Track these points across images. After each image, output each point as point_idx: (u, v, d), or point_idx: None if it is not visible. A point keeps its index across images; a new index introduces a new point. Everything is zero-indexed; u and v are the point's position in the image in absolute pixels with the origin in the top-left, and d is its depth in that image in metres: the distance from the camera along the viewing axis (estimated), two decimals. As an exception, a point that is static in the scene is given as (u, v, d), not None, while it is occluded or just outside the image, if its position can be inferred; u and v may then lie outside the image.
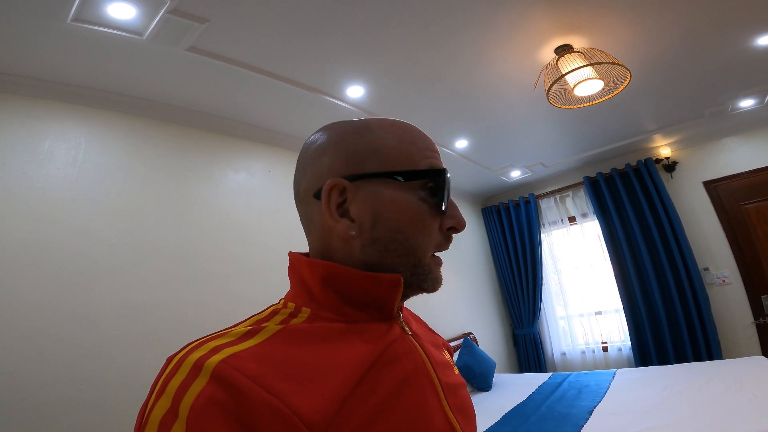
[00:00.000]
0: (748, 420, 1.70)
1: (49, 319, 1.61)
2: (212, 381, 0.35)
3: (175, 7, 1.43)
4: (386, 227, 0.48)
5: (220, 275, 2.19)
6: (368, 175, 0.48)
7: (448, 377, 0.54)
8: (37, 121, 1.76)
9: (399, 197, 0.48)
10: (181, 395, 0.35)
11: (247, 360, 0.38)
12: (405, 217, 0.48)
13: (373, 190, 0.48)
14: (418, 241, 0.49)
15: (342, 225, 0.48)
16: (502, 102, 2.67)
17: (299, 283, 0.51)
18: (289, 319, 0.46)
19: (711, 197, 3.67)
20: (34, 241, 1.65)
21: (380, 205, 0.48)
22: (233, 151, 2.50)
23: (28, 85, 1.71)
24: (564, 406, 2.43)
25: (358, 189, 0.48)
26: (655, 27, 2.05)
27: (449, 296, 3.82)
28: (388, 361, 0.46)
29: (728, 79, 2.72)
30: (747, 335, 3.41)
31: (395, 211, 0.48)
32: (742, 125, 3.50)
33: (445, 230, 0.51)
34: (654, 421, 1.93)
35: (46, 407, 1.51)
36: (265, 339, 0.41)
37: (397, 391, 0.44)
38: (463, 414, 0.52)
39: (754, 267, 3.44)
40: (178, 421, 0.34)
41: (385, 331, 0.49)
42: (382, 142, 0.50)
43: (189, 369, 0.37)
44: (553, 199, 4.41)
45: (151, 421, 0.35)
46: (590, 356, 4.09)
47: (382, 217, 0.48)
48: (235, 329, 0.43)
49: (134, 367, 1.77)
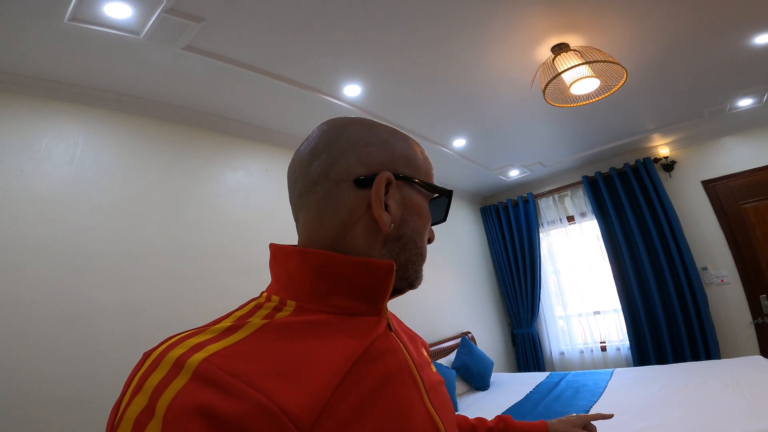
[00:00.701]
0: (745, 420, 1.70)
1: (45, 318, 1.61)
2: (194, 379, 0.34)
3: (171, 6, 1.43)
4: (410, 227, 0.53)
5: (218, 274, 2.19)
6: (406, 177, 0.53)
7: (428, 375, 0.55)
8: (35, 119, 1.77)
9: (422, 205, 0.55)
10: (158, 393, 0.34)
11: (231, 357, 0.37)
12: (421, 222, 0.54)
13: (407, 192, 0.53)
14: (424, 244, 0.56)
15: (386, 216, 0.51)
16: (500, 101, 2.67)
17: (284, 276, 0.50)
18: (273, 313, 0.46)
19: (709, 197, 3.67)
20: (31, 239, 1.66)
21: (409, 206, 0.53)
22: (231, 150, 2.50)
23: (25, 84, 1.72)
24: (561, 405, 2.43)
25: (397, 187, 0.53)
26: (652, 26, 2.05)
27: (448, 296, 3.82)
28: (372, 357, 0.46)
29: (726, 78, 2.72)
30: (745, 335, 3.41)
31: (418, 215, 0.54)
32: (740, 124, 3.50)
33: (428, 240, 0.58)
34: (650, 420, 1.93)
35: (42, 405, 1.51)
36: (249, 335, 0.41)
37: (380, 388, 0.44)
38: (444, 411, 0.53)
39: (753, 267, 3.44)
40: (154, 420, 0.33)
41: (372, 326, 0.49)
42: (415, 153, 0.56)
43: (169, 367, 0.36)
44: (552, 199, 4.41)
45: (125, 419, 0.34)
46: (588, 356, 4.10)
47: (408, 217, 0.53)
48: (216, 325, 0.42)
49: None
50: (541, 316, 4.41)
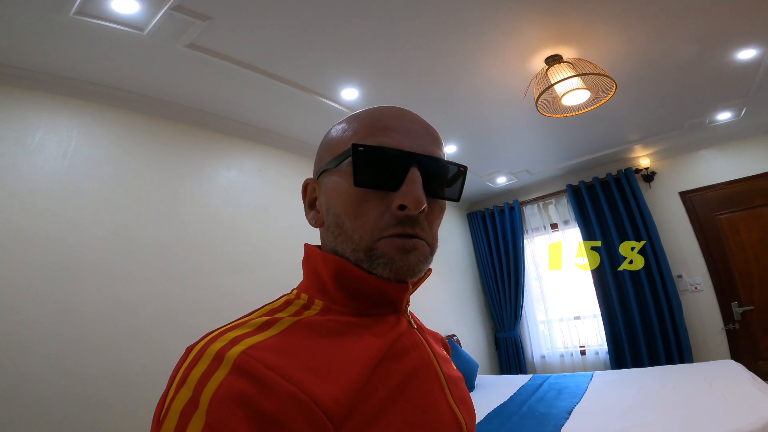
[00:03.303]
0: (718, 420, 1.78)
1: (34, 312, 1.59)
2: (233, 371, 0.35)
3: (179, 3, 1.44)
4: (331, 213, 0.50)
5: (209, 272, 2.19)
6: (322, 170, 0.53)
7: (449, 370, 0.56)
8: (30, 112, 1.75)
9: (335, 183, 0.50)
10: (202, 386, 0.35)
11: (267, 351, 0.38)
12: (339, 202, 0.49)
13: (325, 182, 0.52)
14: (354, 225, 0.47)
15: (309, 216, 0.54)
16: (492, 109, 2.74)
17: (313, 275, 0.52)
18: (302, 311, 0.47)
19: (686, 207, 3.81)
20: (21, 232, 1.63)
21: (327, 194, 0.51)
22: (226, 149, 2.50)
23: (22, 76, 1.69)
24: (544, 406, 2.49)
25: (319, 184, 0.54)
26: (639, 40, 2.14)
27: (434, 298, 3.87)
28: (397, 353, 0.47)
29: (708, 91, 2.82)
30: (717, 340, 3.55)
31: (334, 197, 0.50)
32: (718, 138, 3.65)
33: (394, 209, 0.46)
34: (630, 420, 2.00)
35: (31, 400, 1.49)
36: (282, 330, 0.42)
37: (405, 383, 0.45)
38: (464, 406, 0.54)
39: (725, 275, 3.59)
40: (198, 412, 0.34)
41: (393, 324, 0.51)
42: (333, 136, 0.53)
43: (210, 359, 0.37)
44: (537, 206, 4.51)
45: (172, 412, 0.35)
46: (569, 359, 4.20)
47: (330, 204, 0.51)
48: (252, 320, 0.43)
49: (119, 362, 1.75)
50: (524, 320, 4.49)
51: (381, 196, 0.47)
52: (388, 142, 0.48)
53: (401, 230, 0.46)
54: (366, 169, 0.46)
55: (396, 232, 0.46)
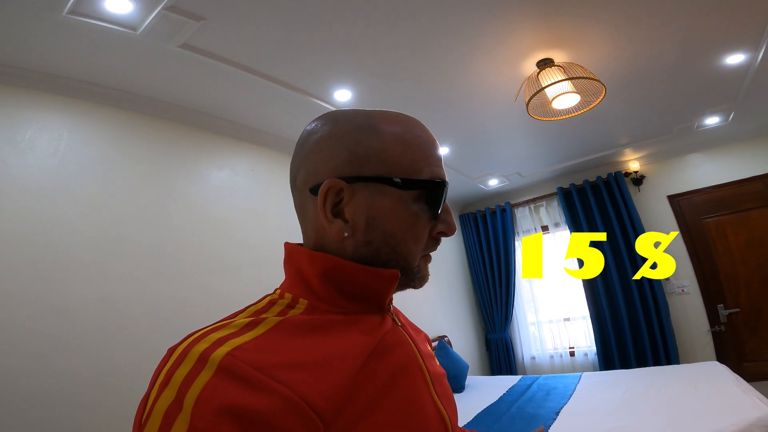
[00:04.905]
0: (704, 421, 1.82)
1: (22, 311, 1.57)
2: (219, 373, 0.35)
3: (173, 3, 1.44)
4: (380, 231, 0.49)
5: (200, 272, 2.18)
6: (367, 178, 0.48)
7: (433, 367, 0.57)
8: (21, 110, 1.73)
9: (395, 204, 0.49)
10: (186, 387, 0.35)
11: (253, 352, 0.38)
12: (398, 224, 0.49)
13: (370, 194, 0.48)
14: (409, 247, 0.50)
15: (335, 227, 0.48)
16: (484, 111, 2.76)
17: (296, 275, 0.51)
18: (286, 310, 0.47)
19: (674, 211, 3.87)
20: (10, 230, 1.62)
21: (376, 209, 0.48)
22: (218, 149, 2.49)
23: (13, 74, 1.68)
24: (533, 407, 2.52)
25: (355, 191, 0.48)
26: (629, 45, 2.17)
27: (425, 299, 3.89)
28: (384, 351, 0.48)
29: (697, 96, 2.86)
30: (703, 342, 3.61)
31: (390, 217, 0.49)
32: (706, 142, 3.71)
33: (435, 234, 0.52)
34: (617, 421, 2.03)
35: (17, 400, 1.48)
36: (266, 330, 0.42)
37: (393, 380, 0.46)
38: (448, 402, 0.55)
39: (712, 278, 3.66)
40: (182, 413, 0.33)
41: (378, 322, 0.51)
42: (386, 146, 0.49)
43: (194, 361, 0.36)
44: (528, 209, 4.55)
45: (155, 413, 0.35)
46: (558, 360, 4.24)
47: (376, 221, 0.48)
48: (235, 321, 0.43)
49: (108, 361, 1.74)
50: (514, 321, 4.53)
51: (427, 222, 0.52)
52: (441, 174, 0.52)
53: (434, 249, 0.55)
54: (437, 202, 0.51)
55: (430, 252, 0.54)
